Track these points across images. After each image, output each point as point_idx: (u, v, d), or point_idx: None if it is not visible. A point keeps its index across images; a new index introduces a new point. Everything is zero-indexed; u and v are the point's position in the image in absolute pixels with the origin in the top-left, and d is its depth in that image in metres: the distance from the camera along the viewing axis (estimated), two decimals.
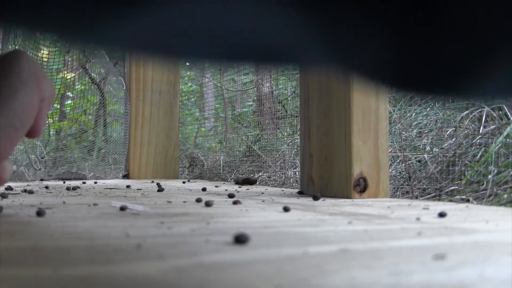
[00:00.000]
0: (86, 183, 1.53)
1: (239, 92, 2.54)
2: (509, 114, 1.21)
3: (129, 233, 0.47)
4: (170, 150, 2.14)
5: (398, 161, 1.32)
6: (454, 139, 1.25)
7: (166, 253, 0.37)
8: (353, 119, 0.96)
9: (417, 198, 1.13)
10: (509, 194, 0.96)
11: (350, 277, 0.30)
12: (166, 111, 2.15)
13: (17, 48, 1.74)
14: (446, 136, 1.30)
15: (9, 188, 1.14)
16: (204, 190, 1.20)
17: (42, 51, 1.88)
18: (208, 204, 0.77)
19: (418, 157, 1.28)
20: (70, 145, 2.21)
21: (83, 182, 1.59)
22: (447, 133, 1.31)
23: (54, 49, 1.88)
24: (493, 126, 1.20)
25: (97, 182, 1.62)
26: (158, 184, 1.48)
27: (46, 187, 1.24)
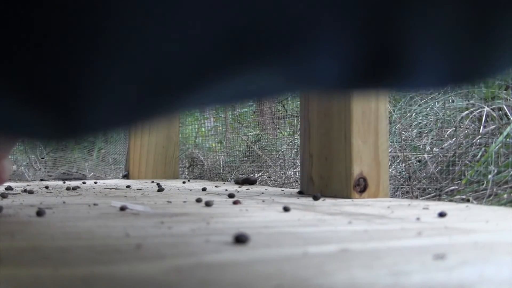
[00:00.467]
0: (86, 183, 1.53)
1: None
2: (509, 114, 1.21)
3: (129, 233, 0.47)
4: (170, 150, 2.13)
5: (398, 161, 1.32)
6: (454, 139, 1.25)
7: (166, 253, 0.37)
8: (353, 119, 0.96)
9: (417, 198, 1.13)
10: (509, 194, 0.96)
11: (349, 277, 0.30)
12: None
13: None
14: (446, 136, 1.30)
15: (9, 188, 1.14)
16: (204, 190, 1.21)
17: None
18: (208, 204, 0.77)
19: (418, 157, 1.28)
20: (70, 145, 2.21)
21: (83, 182, 1.59)
22: (447, 133, 1.31)
23: None
24: (493, 126, 1.20)
25: (97, 182, 1.62)
26: (158, 184, 1.48)
27: (46, 187, 1.24)
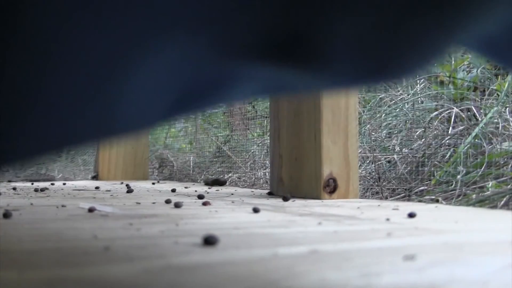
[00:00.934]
0: (54, 185, 1.51)
1: None
2: (477, 115, 1.23)
3: (97, 235, 0.47)
4: (140, 151, 2.12)
5: (368, 161, 1.32)
6: (423, 140, 1.26)
7: (134, 255, 0.37)
8: (323, 120, 0.96)
9: (386, 198, 1.13)
10: (477, 194, 0.97)
11: (320, 278, 0.30)
12: None
13: None
14: (415, 136, 1.31)
15: None
16: (173, 191, 1.20)
17: None
18: (177, 205, 0.77)
19: (388, 157, 1.28)
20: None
21: (52, 184, 1.57)
22: (417, 133, 1.32)
23: None
24: (462, 127, 1.21)
25: (65, 184, 1.60)
26: (127, 185, 1.47)
27: (14, 189, 1.23)
